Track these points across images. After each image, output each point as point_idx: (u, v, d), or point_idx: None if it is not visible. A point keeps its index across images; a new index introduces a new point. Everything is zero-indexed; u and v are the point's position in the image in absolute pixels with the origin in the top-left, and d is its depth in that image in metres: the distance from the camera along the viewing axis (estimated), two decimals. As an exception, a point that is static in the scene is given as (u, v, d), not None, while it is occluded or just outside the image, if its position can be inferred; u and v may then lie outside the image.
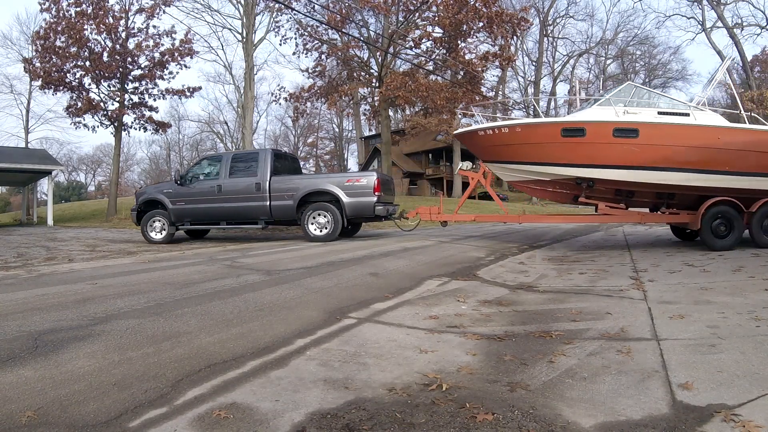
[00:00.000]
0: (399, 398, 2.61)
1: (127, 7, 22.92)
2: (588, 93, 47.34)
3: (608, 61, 56.68)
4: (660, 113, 9.37)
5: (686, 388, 2.64)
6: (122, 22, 22.60)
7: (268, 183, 10.29)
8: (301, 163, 14.58)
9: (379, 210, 10.07)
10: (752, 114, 9.70)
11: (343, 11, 23.75)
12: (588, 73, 56.45)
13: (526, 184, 10.52)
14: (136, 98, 23.68)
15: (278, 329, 3.90)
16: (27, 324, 3.71)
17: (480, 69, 23.29)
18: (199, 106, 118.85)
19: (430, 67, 24.28)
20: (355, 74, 25.24)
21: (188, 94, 24.16)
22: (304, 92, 25.24)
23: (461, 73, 23.69)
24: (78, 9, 20.95)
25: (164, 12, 22.72)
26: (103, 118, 23.04)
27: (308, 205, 10.22)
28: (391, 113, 24.48)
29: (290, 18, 23.53)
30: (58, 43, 21.20)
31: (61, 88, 22.20)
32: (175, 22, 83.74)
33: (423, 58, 23.81)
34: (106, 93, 22.99)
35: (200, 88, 24.72)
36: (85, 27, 21.09)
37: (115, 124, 23.29)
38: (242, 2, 20.92)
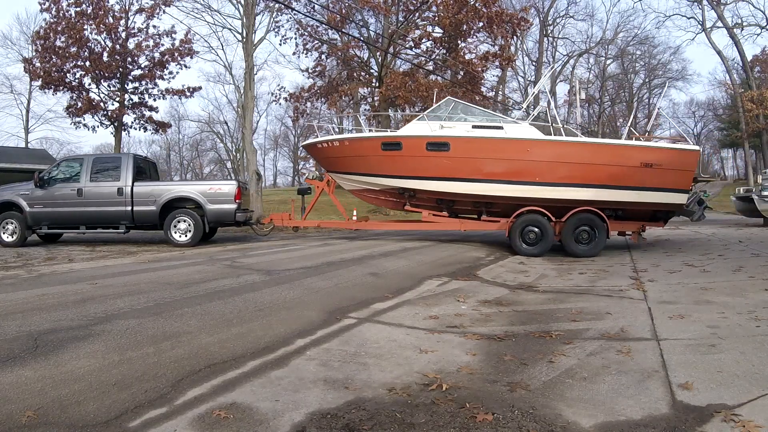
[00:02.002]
0: (399, 398, 2.61)
1: (127, 7, 22.90)
2: (588, 93, 47.31)
3: (608, 61, 56.61)
4: (474, 126, 9.80)
5: (686, 388, 2.64)
6: (122, 22, 22.57)
7: (130, 188, 10.39)
8: (302, 163, 14.64)
9: (239, 216, 10.40)
10: (564, 126, 10.18)
11: (343, 11, 23.74)
12: (588, 73, 56.42)
13: (361, 192, 11.29)
14: (136, 98, 23.65)
15: (278, 329, 3.90)
16: (27, 324, 3.71)
17: (480, 69, 23.27)
18: (199, 106, 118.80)
19: (430, 67, 24.26)
20: (355, 74, 25.23)
21: (188, 94, 24.12)
22: (304, 92, 25.22)
23: (461, 73, 23.68)
24: (78, 9, 20.91)
25: (164, 12, 22.63)
26: (103, 118, 23.00)
27: (171, 211, 10.37)
28: (391, 113, 24.44)
29: (290, 18, 23.51)
30: (58, 43, 21.16)
31: (61, 88, 22.15)
32: (175, 22, 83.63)
33: (423, 58, 23.79)
34: (106, 93, 22.96)
35: (200, 88, 24.68)
36: (85, 27, 21.04)
37: (115, 124, 23.27)
38: (242, 2, 20.86)
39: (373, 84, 24.67)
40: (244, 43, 20.64)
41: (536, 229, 9.19)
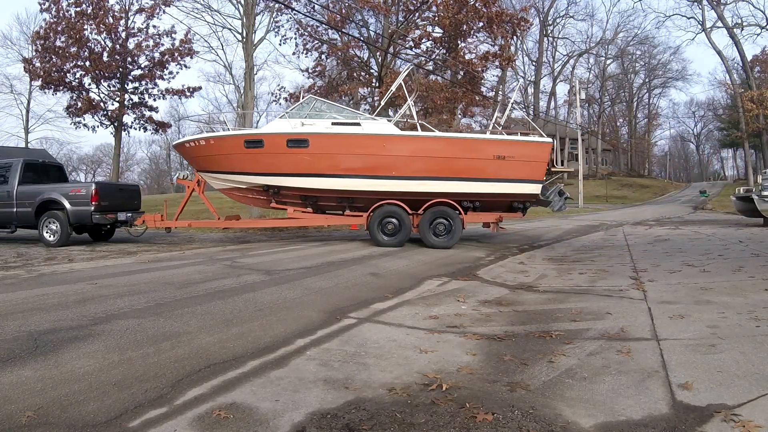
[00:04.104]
0: (399, 398, 2.61)
1: (127, 7, 22.93)
2: (588, 93, 47.33)
3: (608, 61, 56.67)
4: (333, 123, 9.92)
5: (686, 388, 2.64)
6: (122, 22, 22.60)
7: (15, 191, 10.86)
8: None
9: (96, 218, 10.49)
10: (421, 122, 10.35)
11: (343, 11, 23.73)
12: (588, 73, 56.47)
13: (229, 191, 11.31)
14: (136, 98, 23.68)
15: (278, 329, 3.90)
16: (27, 324, 3.71)
17: (480, 69, 23.26)
18: (199, 106, 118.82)
19: (430, 67, 24.25)
20: (355, 74, 25.21)
21: (188, 94, 24.15)
22: (304, 92, 25.21)
23: (461, 73, 23.66)
24: (78, 9, 20.93)
25: (164, 12, 22.67)
26: (103, 118, 23.03)
27: (44, 213, 10.69)
28: (390, 113, 24.44)
29: (290, 18, 23.51)
30: (58, 43, 21.18)
31: (61, 88, 22.17)
32: (175, 22, 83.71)
33: (423, 58, 23.78)
34: (106, 93, 22.99)
35: (200, 88, 24.72)
36: (85, 27, 21.07)
37: (115, 124, 23.29)
38: (242, 2, 20.88)
39: (373, 84, 24.65)
40: (244, 43, 20.65)
41: (394, 220, 9.54)
